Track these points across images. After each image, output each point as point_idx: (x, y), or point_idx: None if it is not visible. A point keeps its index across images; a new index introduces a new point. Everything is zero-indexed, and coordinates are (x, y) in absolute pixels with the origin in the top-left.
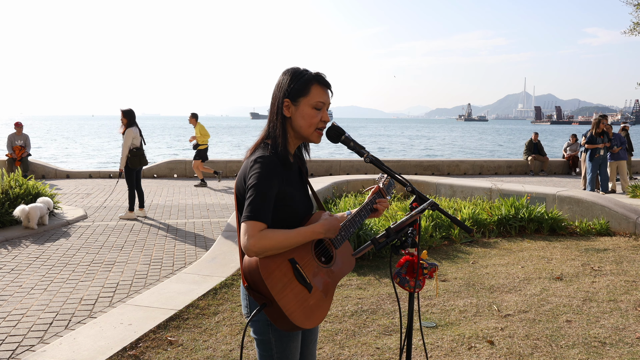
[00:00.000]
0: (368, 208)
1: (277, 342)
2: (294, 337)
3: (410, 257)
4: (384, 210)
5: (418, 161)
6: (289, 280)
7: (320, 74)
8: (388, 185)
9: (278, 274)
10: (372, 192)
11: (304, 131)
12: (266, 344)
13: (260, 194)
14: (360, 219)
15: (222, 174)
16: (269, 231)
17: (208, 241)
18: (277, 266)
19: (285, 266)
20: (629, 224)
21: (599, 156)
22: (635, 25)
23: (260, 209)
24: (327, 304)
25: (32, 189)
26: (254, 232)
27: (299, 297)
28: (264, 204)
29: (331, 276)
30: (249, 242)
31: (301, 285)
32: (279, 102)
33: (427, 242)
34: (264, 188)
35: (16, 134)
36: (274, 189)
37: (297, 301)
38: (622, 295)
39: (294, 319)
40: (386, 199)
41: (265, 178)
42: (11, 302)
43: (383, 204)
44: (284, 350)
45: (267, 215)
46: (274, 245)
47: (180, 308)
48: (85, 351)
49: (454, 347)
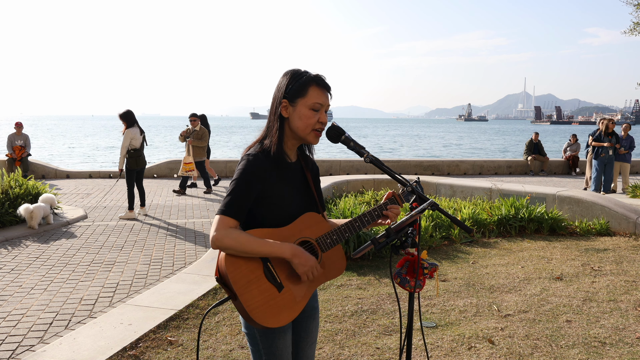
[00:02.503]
0: (375, 214)
1: (262, 337)
2: (280, 335)
3: (410, 257)
4: (395, 217)
5: (418, 161)
6: (256, 277)
7: (320, 76)
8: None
9: (245, 269)
10: (385, 197)
11: (301, 132)
12: (252, 338)
13: (236, 191)
14: (362, 224)
15: (223, 174)
16: (236, 231)
17: (208, 241)
18: (245, 262)
19: (255, 263)
20: (629, 224)
21: (605, 156)
22: (635, 25)
23: (234, 205)
24: (298, 305)
25: (32, 189)
26: (221, 226)
27: (265, 295)
28: (239, 201)
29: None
30: (213, 235)
31: (269, 284)
32: (277, 102)
33: (427, 242)
34: (242, 185)
35: (16, 134)
36: (254, 187)
37: (262, 299)
38: (622, 295)
39: (254, 315)
40: (400, 205)
41: (246, 175)
42: (11, 302)
43: (394, 211)
44: (270, 347)
45: (239, 212)
46: (236, 247)
47: (180, 308)
48: (85, 351)
49: (454, 347)
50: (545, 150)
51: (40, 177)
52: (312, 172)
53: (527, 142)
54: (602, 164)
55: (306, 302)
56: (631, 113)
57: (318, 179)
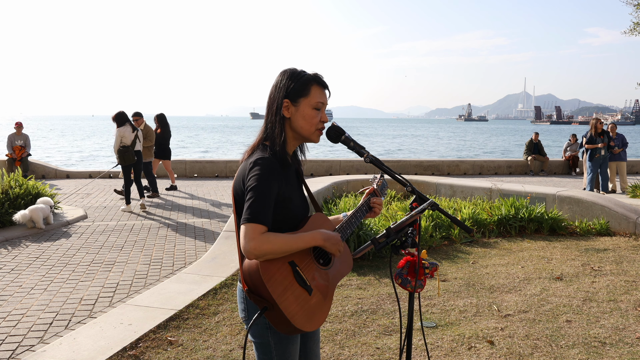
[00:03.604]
0: (364, 209)
1: (277, 345)
2: (294, 340)
3: (411, 258)
4: (380, 209)
5: (418, 161)
6: (290, 283)
7: (319, 75)
8: (382, 186)
9: (279, 277)
10: (367, 192)
11: (305, 131)
12: (265, 347)
13: (260, 196)
14: (357, 220)
15: (223, 174)
16: (270, 235)
17: (208, 241)
18: (277, 269)
19: (286, 269)
20: (629, 224)
21: (599, 156)
22: (635, 25)
23: (261, 211)
24: (327, 306)
25: (32, 189)
26: (254, 234)
27: (300, 299)
28: (265, 206)
29: (330, 278)
30: (249, 245)
31: (301, 288)
32: (277, 102)
33: (427, 242)
34: (264, 190)
35: (16, 134)
36: (274, 191)
37: (298, 304)
38: (622, 295)
39: (295, 322)
40: (380, 199)
41: (265, 180)
42: (11, 302)
43: (378, 203)
44: (283, 353)
45: (267, 218)
46: (276, 249)
47: (180, 308)
48: (85, 351)
49: (454, 347)
50: (545, 150)
51: (40, 177)
52: (302, 173)
53: (527, 142)
54: (597, 164)
55: (332, 300)
56: (631, 113)
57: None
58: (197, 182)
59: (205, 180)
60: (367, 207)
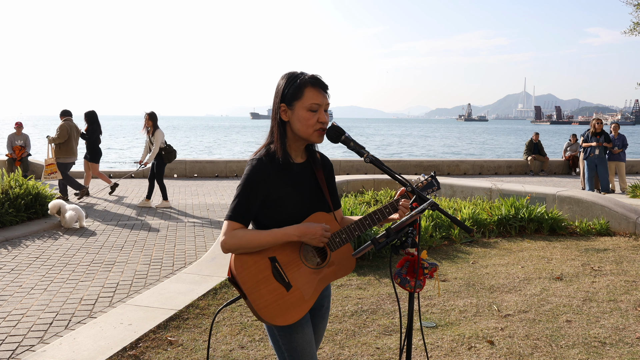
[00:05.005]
0: (387, 210)
1: (280, 333)
2: (298, 330)
3: (410, 257)
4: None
5: (418, 161)
6: (265, 277)
7: (315, 76)
8: (425, 186)
9: (254, 270)
10: (399, 193)
11: (302, 133)
12: (272, 335)
13: (241, 195)
14: (372, 221)
15: (223, 174)
16: (239, 231)
17: (208, 241)
18: (254, 262)
19: (264, 263)
20: (629, 224)
21: (593, 155)
22: (635, 25)
23: (239, 210)
24: (307, 304)
25: (32, 189)
26: (227, 230)
27: (274, 294)
28: (243, 205)
29: (319, 278)
30: (220, 240)
31: (277, 283)
32: (276, 107)
33: (427, 242)
34: (247, 190)
35: (16, 134)
36: (259, 191)
37: (271, 298)
38: (622, 295)
39: (263, 314)
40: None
41: (250, 180)
42: (11, 302)
43: (405, 206)
44: (289, 342)
45: (244, 216)
46: (242, 244)
47: (180, 308)
48: (85, 351)
49: (454, 347)
50: (545, 150)
51: (40, 177)
52: (325, 170)
53: (527, 142)
54: (593, 164)
55: (315, 299)
56: (631, 113)
57: (332, 176)
58: (197, 182)
59: (205, 180)
60: (391, 208)
